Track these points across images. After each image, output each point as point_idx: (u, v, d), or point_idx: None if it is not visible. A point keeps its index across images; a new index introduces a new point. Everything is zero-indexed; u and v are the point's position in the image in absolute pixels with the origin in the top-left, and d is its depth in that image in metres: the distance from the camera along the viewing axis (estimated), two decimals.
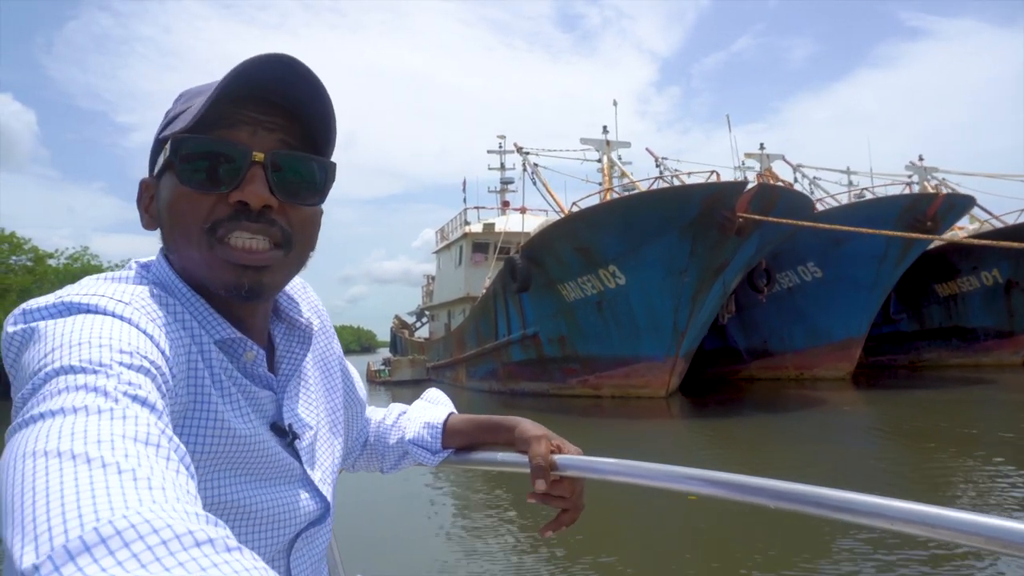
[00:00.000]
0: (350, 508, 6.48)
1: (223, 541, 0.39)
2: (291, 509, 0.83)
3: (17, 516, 0.40)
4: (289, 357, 0.89)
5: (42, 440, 0.47)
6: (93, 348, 0.59)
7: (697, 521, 6.79)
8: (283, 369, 0.89)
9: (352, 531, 6.57)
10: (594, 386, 19.20)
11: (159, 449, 0.49)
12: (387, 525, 7.36)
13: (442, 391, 1.31)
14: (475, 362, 24.37)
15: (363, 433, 1.19)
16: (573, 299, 18.45)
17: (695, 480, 0.95)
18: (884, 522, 0.75)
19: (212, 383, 0.75)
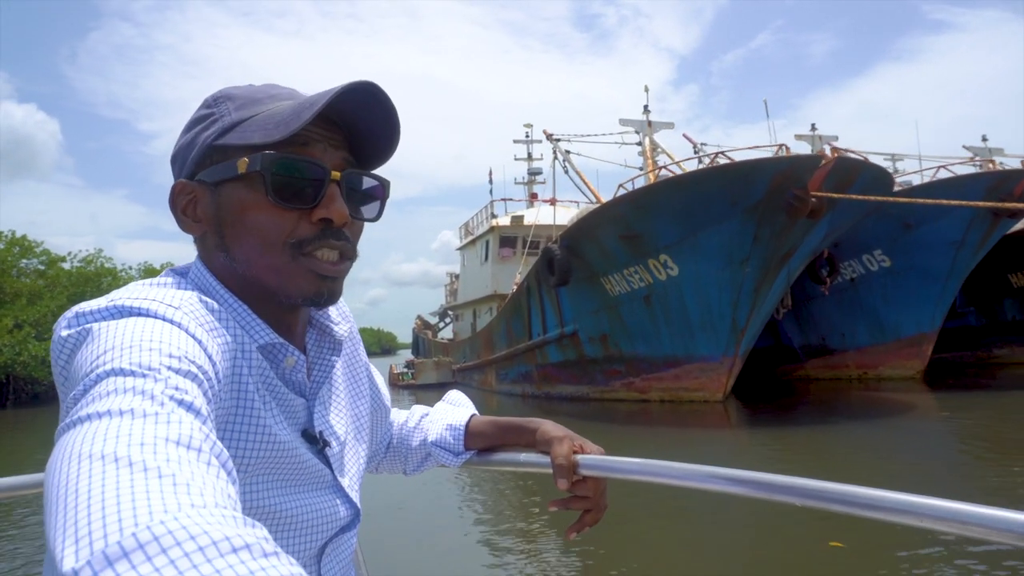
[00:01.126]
0: (374, 512, 6.22)
1: (260, 546, 0.40)
2: (323, 515, 0.85)
3: (59, 518, 0.41)
4: (321, 363, 0.90)
5: (88, 442, 0.47)
6: (143, 351, 0.60)
7: (724, 521, 6.65)
8: (315, 376, 0.90)
9: (375, 535, 6.49)
10: (640, 389, 17.39)
11: (200, 454, 0.49)
12: (410, 529, 7.26)
13: (463, 394, 1.30)
14: (506, 364, 22.63)
15: (386, 436, 1.19)
16: (618, 293, 16.64)
17: (720, 479, 0.94)
18: (914, 519, 0.75)
19: (255, 388, 0.76)
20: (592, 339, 17.85)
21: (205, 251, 0.82)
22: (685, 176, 14.23)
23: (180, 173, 0.83)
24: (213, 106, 0.82)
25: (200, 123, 0.82)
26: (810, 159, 13.26)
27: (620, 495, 3.68)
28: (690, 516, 6.94)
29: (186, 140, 0.82)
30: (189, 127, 0.83)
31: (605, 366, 17.89)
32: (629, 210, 14.92)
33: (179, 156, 0.83)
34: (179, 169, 0.83)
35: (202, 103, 0.83)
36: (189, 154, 0.81)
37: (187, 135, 0.82)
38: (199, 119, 0.82)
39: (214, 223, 0.81)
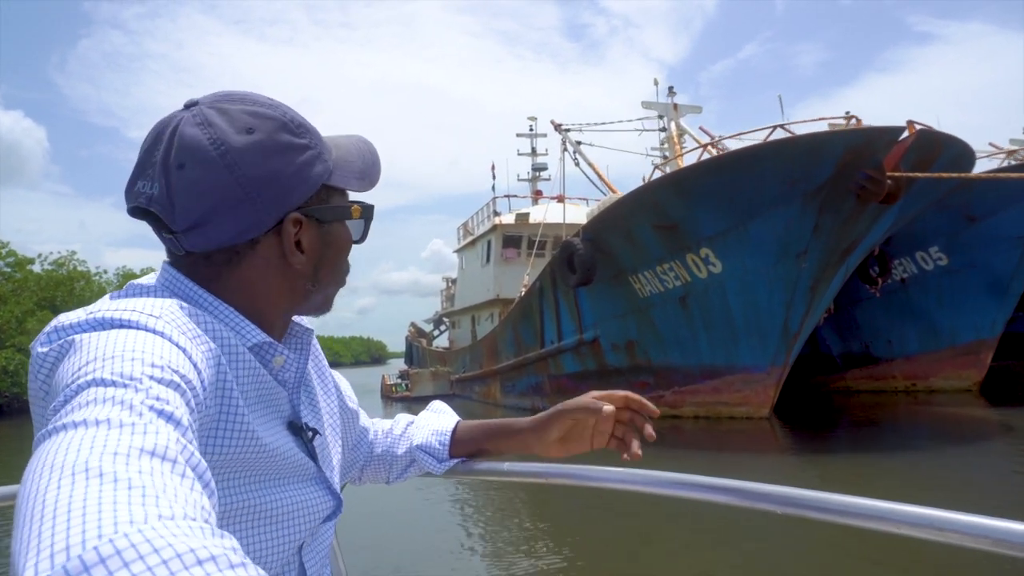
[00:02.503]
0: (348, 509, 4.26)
1: (226, 557, 0.39)
2: (308, 506, 0.86)
3: (25, 529, 0.41)
4: (299, 357, 0.91)
5: (61, 452, 0.47)
6: (125, 362, 0.59)
7: (701, 527, 6.68)
8: (296, 370, 0.91)
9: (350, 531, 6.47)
10: (671, 404, 15.23)
11: (175, 465, 0.48)
12: (385, 525, 7.48)
13: (447, 405, 1.30)
14: (513, 375, 20.43)
15: (362, 442, 1.20)
16: (648, 294, 14.51)
17: (703, 488, 0.96)
18: (891, 526, 0.76)
19: (239, 392, 0.76)
20: (616, 347, 15.70)
21: (212, 268, 0.81)
22: (736, 154, 12.08)
23: (278, 198, 0.80)
24: (304, 136, 0.83)
25: (297, 151, 0.82)
26: (888, 131, 11.16)
27: (592, 505, 4.18)
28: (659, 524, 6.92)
29: (285, 168, 0.80)
30: (278, 150, 0.80)
31: (630, 377, 15.73)
32: (667, 195, 12.79)
33: (277, 181, 0.80)
34: (277, 194, 0.80)
35: (277, 123, 0.81)
36: (296, 185, 0.82)
37: (281, 159, 0.80)
38: (293, 147, 0.81)
39: (315, 256, 0.86)
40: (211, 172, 0.76)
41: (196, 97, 0.82)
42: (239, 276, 0.82)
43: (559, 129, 22.21)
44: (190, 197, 0.76)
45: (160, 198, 0.76)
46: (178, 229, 0.77)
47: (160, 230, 0.80)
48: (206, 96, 0.82)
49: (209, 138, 0.77)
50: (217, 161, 0.76)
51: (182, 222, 0.77)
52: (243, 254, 0.82)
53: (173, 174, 0.76)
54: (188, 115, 0.79)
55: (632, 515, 7.21)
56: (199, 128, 0.77)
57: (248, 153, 0.78)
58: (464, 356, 26.73)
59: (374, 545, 6.68)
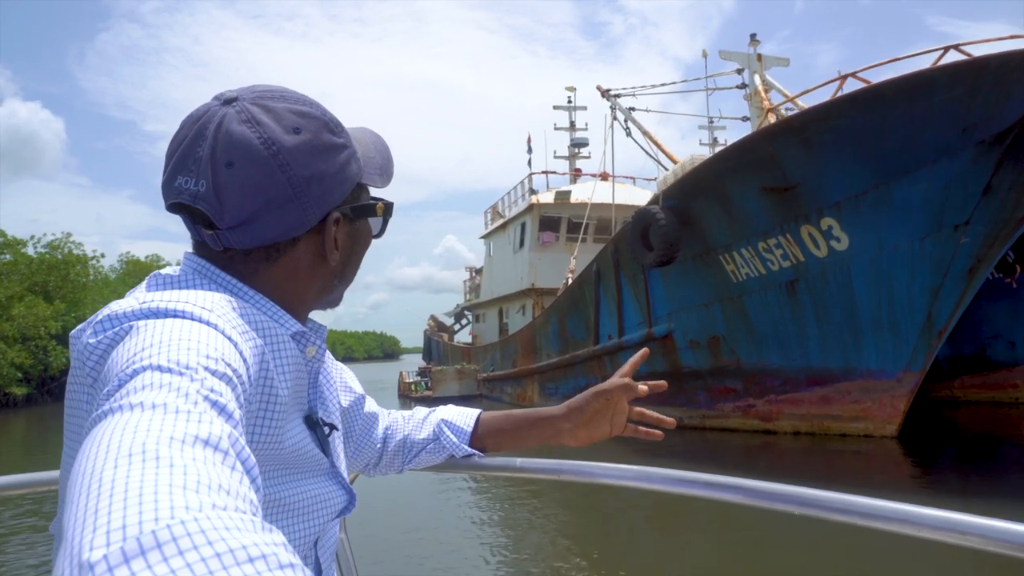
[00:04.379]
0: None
1: (275, 557, 0.39)
2: (324, 501, 0.87)
3: (81, 506, 0.41)
4: (322, 352, 0.91)
5: (117, 433, 0.47)
6: (181, 351, 0.59)
7: (715, 528, 6.74)
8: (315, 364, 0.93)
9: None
10: (764, 416, 12.28)
11: (227, 456, 0.48)
12: (395, 523, 7.46)
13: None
14: (556, 375, 17.50)
15: (372, 428, 1.18)
16: (744, 277, 11.54)
17: (719, 487, 0.95)
18: (912, 529, 0.75)
19: (282, 385, 0.77)
20: (695, 344, 12.74)
21: (250, 264, 0.82)
22: (895, 84, 8.95)
23: (322, 197, 0.82)
24: (342, 135, 0.85)
25: (338, 151, 0.83)
26: None
27: (608, 500, 4.24)
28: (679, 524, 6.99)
29: (329, 167, 0.82)
30: (323, 150, 0.81)
31: (712, 382, 12.79)
32: (786, 144, 9.79)
33: (322, 180, 0.81)
34: (322, 193, 0.81)
35: (320, 122, 0.82)
36: (338, 184, 0.83)
37: (325, 159, 0.81)
38: (335, 146, 0.83)
39: (345, 253, 0.88)
40: (263, 171, 0.76)
41: (231, 91, 0.82)
42: (275, 272, 0.83)
43: (607, 95, 19.25)
44: (241, 195, 0.76)
45: (207, 195, 0.76)
46: (224, 226, 0.77)
47: (198, 225, 0.79)
48: (244, 90, 0.81)
49: (259, 137, 0.77)
50: (269, 161, 0.76)
51: (230, 220, 0.77)
52: (283, 251, 0.82)
53: (222, 172, 0.75)
54: (232, 111, 0.78)
55: (644, 513, 7.29)
56: (247, 126, 0.77)
57: (298, 153, 0.78)
58: (493, 353, 23.82)
59: (382, 540, 6.72)
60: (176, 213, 0.80)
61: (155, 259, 46.77)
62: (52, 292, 30.71)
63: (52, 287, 30.80)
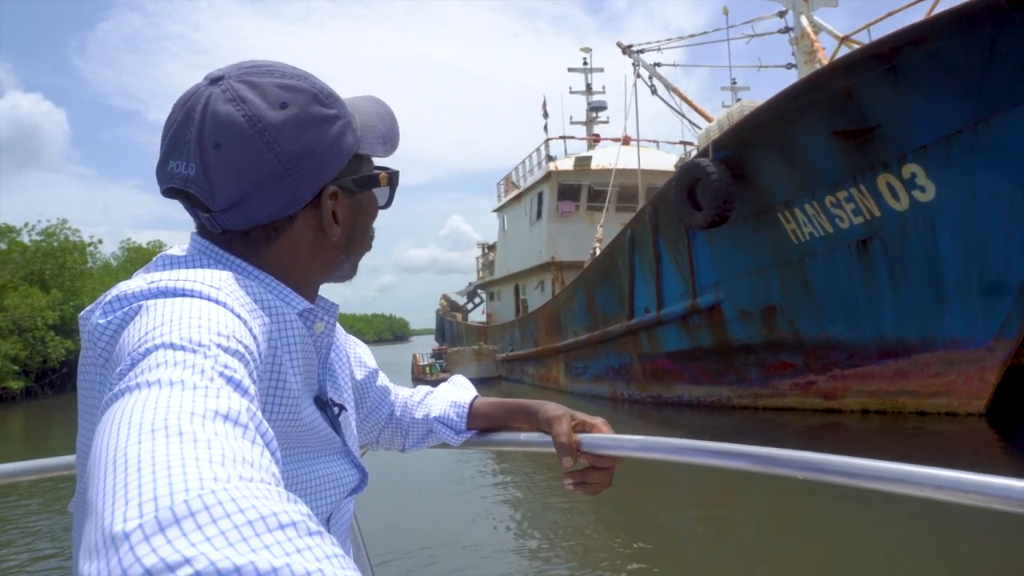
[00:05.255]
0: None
1: (305, 524, 0.40)
2: (336, 480, 0.87)
3: (109, 481, 0.41)
4: (332, 327, 0.91)
5: (137, 410, 0.47)
6: (193, 328, 0.59)
7: (728, 497, 6.97)
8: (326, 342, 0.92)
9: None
10: (827, 393, 10.95)
11: (246, 431, 0.49)
12: (406, 501, 7.57)
13: (466, 379, 1.28)
14: (585, 354, 16.18)
15: (384, 402, 1.19)
16: (807, 237, 10.14)
17: (722, 454, 0.95)
18: (915, 489, 0.76)
19: (290, 364, 0.77)
20: (746, 314, 11.37)
21: (250, 244, 0.81)
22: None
23: (315, 172, 0.80)
24: (334, 106, 0.82)
25: (330, 123, 0.81)
26: None
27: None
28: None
29: (320, 140, 0.79)
30: (313, 123, 0.79)
31: (766, 357, 11.44)
32: (868, 79, 8.33)
33: (313, 155, 0.79)
34: (314, 168, 0.79)
35: (308, 95, 0.80)
36: (330, 157, 0.81)
37: (316, 132, 0.79)
38: (326, 118, 0.81)
39: (348, 226, 0.86)
40: (250, 150, 0.75)
41: (219, 70, 0.80)
42: (276, 250, 0.82)
43: (628, 51, 17.74)
44: (229, 176, 0.75)
45: (197, 178, 0.75)
46: (217, 208, 0.76)
47: (195, 209, 0.78)
48: (230, 68, 0.79)
49: (244, 115, 0.75)
50: (255, 139, 0.75)
51: (221, 202, 0.76)
52: (281, 229, 0.81)
53: (210, 154, 0.74)
54: (218, 91, 0.76)
55: (655, 483, 7.37)
56: (232, 105, 0.75)
57: (285, 128, 0.77)
58: (512, 331, 22.53)
59: (390, 516, 6.70)
60: (172, 198, 0.79)
61: (157, 245, 45.49)
62: (49, 281, 29.53)
63: (48, 275, 29.61)
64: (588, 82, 24.16)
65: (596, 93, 24.19)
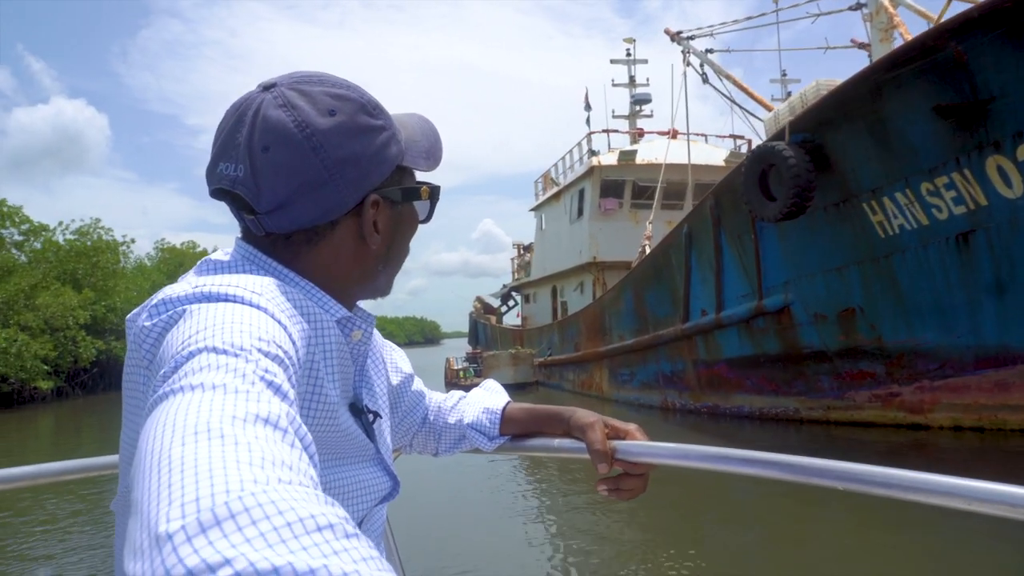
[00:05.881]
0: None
1: (342, 527, 0.41)
2: (368, 487, 0.88)
3: (153, 481, 0.42)
4: (369, 336, 0.92)
5: (181, 413, 0.48)
6: (235, 333, 0.60)
7: (763, 504, 6.77)
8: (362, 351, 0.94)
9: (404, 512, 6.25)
10: (912, 407, 9.75)
11: (286, 435, 0.50)
12: (438, 509, 7.41)
13: (499, 385, 1.30)
14: (632, 359, 15.10)
15: (418, 405, 1.19)
16: (896, 231, 8.97)
17: (758, 463, 0.94)
18: (962, 503, 0.74)
19: (326, 370, 0.78)
20: (820, 318, 10.22)
21: (292, 247, 0.82)
22: None
23: (358, 179, 0.81)
24: (380, 117, 0.84)
25: (375, 133, 0.83)
26: None
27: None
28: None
29: (365, 149, 0.81)
30: (359, 132, 0.81)
31: (842, 365, 10.27)
32: (986, 42, 7.16)
33: (358, 162, 0.81)
34: (358, 175, 0.81)
35: (356, 104, 0.82)
36: (374, 166, 0.82)
37: (361, 141, 0.81)
38: (371, 128, 0.82)
39: (388, 237, 0.88)
40: (297, 154, 0.77)
41: (272, 79, 0.82)
42: (317, 256, 0.83)
43: (677, 38, 16.68)
44: (276, 179, 0.77)
45: (245, 180, 0.77)
46: (262, 210, 0.78)
47: (241, 211, 0.80)
48: (283, 77, 0.82)
49: (294, 120, 0.77)
50: (303, 143, 0.77)
51: (267, 203, 0.78)
52: (323, 234, 0.82)
53: (258, 156, 0.76)
54: (269, 97, 0.78)
55: (689, 491, 7.24)
56: (283, 110, 0.77)
57: (332, 135, 0.78)
58: (550, 335, 21.50)
59: (422, 523, 6.57)
60: (219, 199, 0.81)
61: (191, 246, 45.37)
62: (81, 280, 29.25)
63: (81, 275, 29.33)
64: (632, 74, 23.05)
65: (640, 86, 23.08)
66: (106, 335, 29.49)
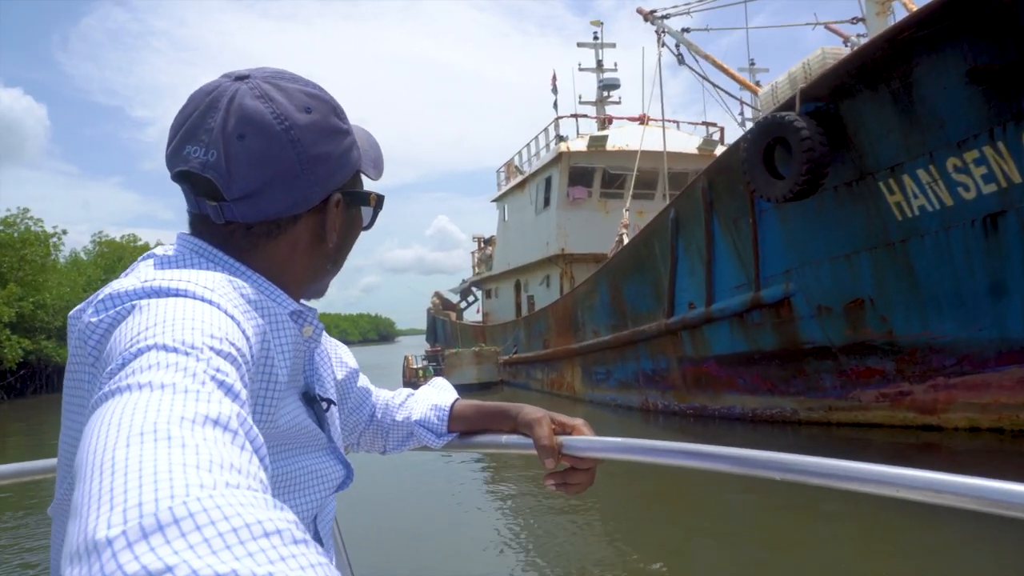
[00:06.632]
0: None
1: (290, 532, 0.40)
2: (323, 476, 0.87)
3: (95, 484, 0.41)
4: (319, 331, 0.92)
5: (127, 413, 0.47)
6: (186, 330, 0.59)
7: (703, 496, 6.98)
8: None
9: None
10: (924, 407, 8.92)
11: (236, 436, 0.48)
12: (384, 503, 7.45)
13: (448, 382, 1.27)
14: (607, 357, 14.09)
15: (365, 403, 1.18)
16: (916, 212, 8.07)
17: (702, 456, 0.95)
18: (891, 490, 0.77)
19: (281, 364, 0.77)
20: (824, 311, 9.31)
21: (250, 239, 0.81)
22: None
23: (326, 178, 0.82)
24: (346, 122, 0.85)
25: (343, 136, 0.84)
26: None
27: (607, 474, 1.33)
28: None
29: (335, 149, 0.82)
30: (331, 133, 0.82)
31: (848, 361, 9.39)
32: None
33: (327, 161, 0.81)
34: (327, 174, 0.81)
35: (329, 106, 0.83)
36: (340, 167, 0.83)
37: (332, 141, 0.82)
38: (341, 131, 0.83)
39: (341, 237, 0.88)
40: (274, 145, 0.76)
41: (243, 71, 0.81)
42: (274, 249, 0.82)
43: (651, 18, 15.75)
44: (249, 167, 0.76)
45: (216, 165, 0.75)
46: (231, 197, 0.77)
47: (201, 197, 0.78)
48: (255, 70, 0.81)
49: (272, 112, 0.77)
50: (281, 135, 0.77)
51: (237, 190, 0.76)
52: (284, 228, 0.82)
53: (233, 143, 0.75)
54: (245, 87, 0.78)
55: (636, 483, 7.32)
56: (260, 101, 0.77)
57: (308, 131, 0.79)
58: (516, 331, 20.40)
59: (372, 521, 6.59)
60: (181, 183, 0.79)
61: (131, 239, 42.85)
62: (6, 274, 27.06)
63: (6, 269, 27.14)
64: (599, 58, 22.07)
65: (608, 71, 22.10)
66: (35, 334, 27.35)
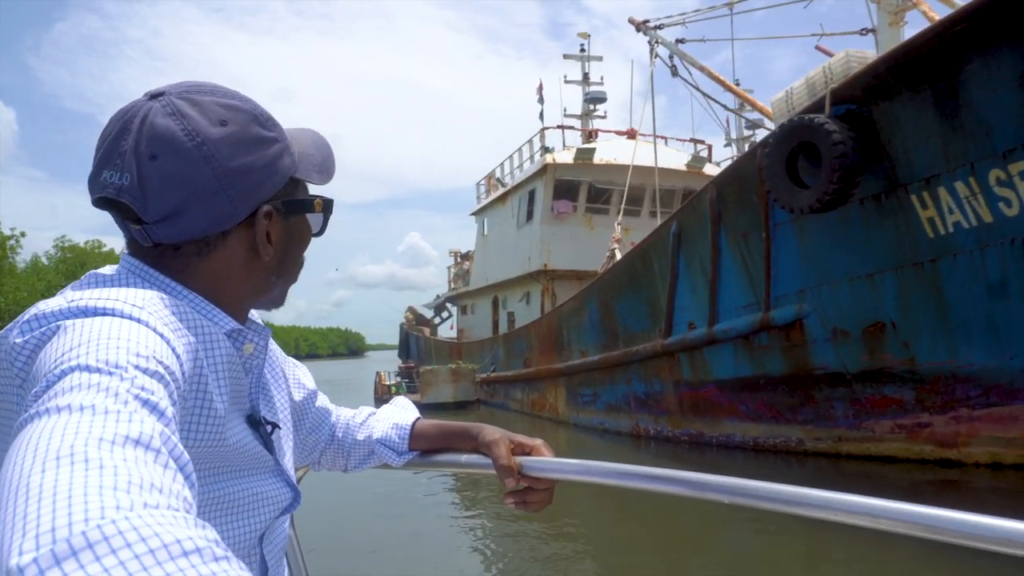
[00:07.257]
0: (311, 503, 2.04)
1: (211, 550, 0.40)
2: (267, 499, 0.85)
3: (8, 511, 0.40)
4: (262, 349, 0.89)
5: (45, 436, 0.46)
6: (111, 349, 0.58)
7: (659, 518, 7.06)
8: (257, 363, 0.90)
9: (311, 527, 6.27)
10: (944, 439, 8.24)
11: (159, 455, 0.48)
12: (347, 525, 7.43)
13: (410, 402, 1.28)
14: (595, 378, 13.26)
15: (324, 423, 1.17)
16: (950, 229, 7.39)
17: (657, 479, 0.96)
18: (830, 514, 0.79)
19: (215, 383, 0.75)
20: (841, 334, 8.59)
21: (181, 259, 0.79)
22: None
23: (250, 190, 0.79)
24: (272, 129, 0.82)
25: (268, 144, 0.81)
26: None
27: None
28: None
29: (257, 160, 0.79)
30: (251, 143, 0.78)
31: (863, 390, 8.67)
32: None
33: (249, 173, 0.78)
34: (250, 186, 0.78)
35: (249, 115, 0.80)
36: (266, 178, 0.80)
37: (253, 152, 0.78)
38: (264, 139, 0.80)
39: (281, 249, 0.85)
40: (186, 163, 0.74)
41: (160, 88, 0.79)
42: (208, 267, 0.80)
43: (643, 28, 15.15)
44: (164, 188, 0.73)
45: (131, 188, 0.73)
46: (150, 220, 0.75)
47: (126, 221, 0.77)
48: (172, 86, 0.79)
49: (183, 129, 0.75)
50: (193, 152, 0.74)
51: (154, 213, 0.74)
52: (213, 245, 0.80)
53: (145, 165, 0.73)
54: (157, 105, 0.76)
55: (593, 504, 7.35)
56: (172, 119, 0.75)
57: (223, 145, 0.76)
58: (494, 349, 19.53)
59: (331, 536, 6.57)
60: (103, 208, 0.77)
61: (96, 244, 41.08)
62: None
63: None
64: (585, 70, 21.50)
65: (594, 84, 21.53)
66: None
